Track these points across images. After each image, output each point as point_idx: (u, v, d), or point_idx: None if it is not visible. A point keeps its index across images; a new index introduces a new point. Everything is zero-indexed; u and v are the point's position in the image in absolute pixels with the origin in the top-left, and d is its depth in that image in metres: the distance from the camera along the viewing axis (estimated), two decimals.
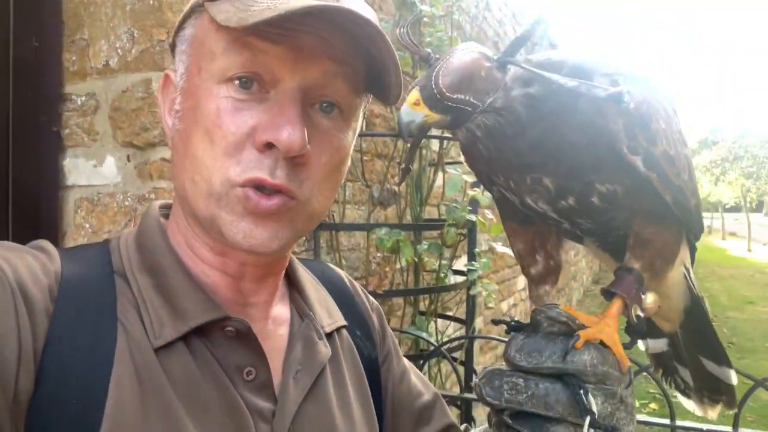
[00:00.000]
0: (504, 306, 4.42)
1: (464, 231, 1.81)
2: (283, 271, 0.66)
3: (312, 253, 1.70)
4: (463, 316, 2.03)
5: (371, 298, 0.80)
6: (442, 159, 1.98)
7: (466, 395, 1.51)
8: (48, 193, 1.46)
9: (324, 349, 0.64)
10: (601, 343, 0.53)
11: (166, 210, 0.65)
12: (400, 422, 0.73)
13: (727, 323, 8.21)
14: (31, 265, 0.51)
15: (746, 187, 19.04)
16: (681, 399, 0.70)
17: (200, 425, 0.51)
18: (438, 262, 1.92)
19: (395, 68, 0.55)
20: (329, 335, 0.66)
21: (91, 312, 0.51)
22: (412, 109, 0.51)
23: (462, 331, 2.38)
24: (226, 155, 0.52)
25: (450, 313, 2.63)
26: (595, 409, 0.49)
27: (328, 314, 0.69)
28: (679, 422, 1.31)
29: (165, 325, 0.53)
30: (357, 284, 0.80)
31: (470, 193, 1.70)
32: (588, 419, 0.48)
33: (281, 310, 0.66)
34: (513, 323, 0.57)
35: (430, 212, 2.23)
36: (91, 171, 1.41)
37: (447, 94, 0.50)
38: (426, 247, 1.78)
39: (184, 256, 0.59)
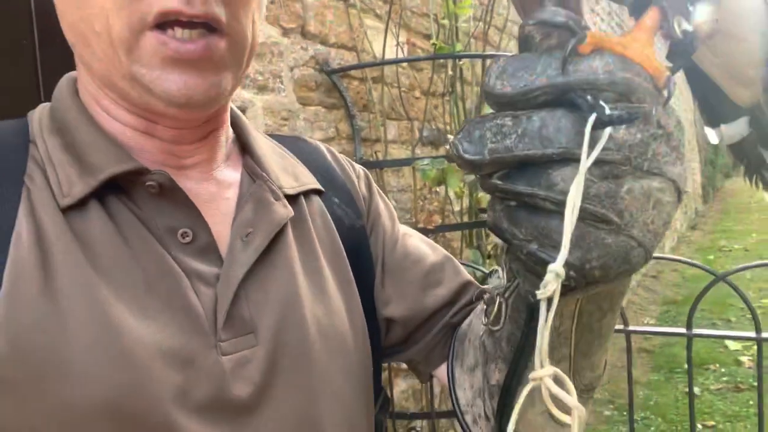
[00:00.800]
0: None
1: None
2: (226, 127, 0.59)
3: None
4: None
5: (357, 165, 0.71)
6: None
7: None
8: None
9: (282, 209, 0.56)
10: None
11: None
12: (403, 290, 0.64)
13: None
14: None
15: None
16: (764, 192, 0.53)
17: (118, 286, 0.46)
18: None
19: None
20: (294, 198, 0.59)
21: None
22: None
23: None
24: None
25: None
26: (606, 110, 0.31)
27: (294, 178, 0.61)
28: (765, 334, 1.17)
29: (74, 184, 0.47)
30: (338, 153, 0.71)
31: None
32: (593, 117, 0.31)
33: (229, 173, 0.58)
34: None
35: None
36: None
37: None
38: (474, 177, 1.69)
39: (98, 117, 0.52)
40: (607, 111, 0.31)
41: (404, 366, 1.45)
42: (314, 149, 0.70)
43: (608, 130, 0.31)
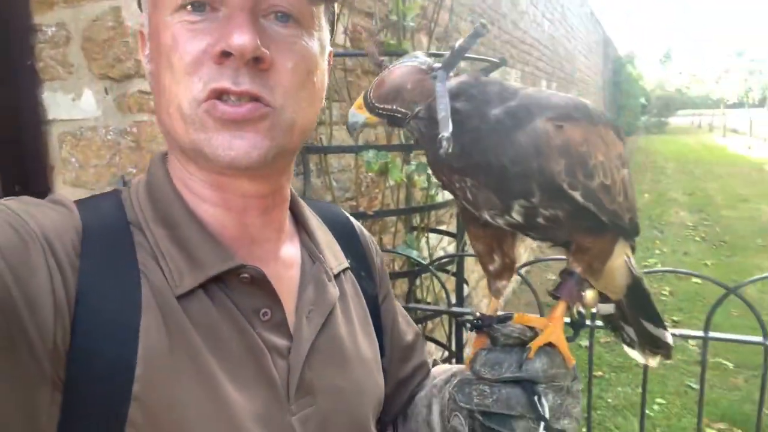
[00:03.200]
0: None
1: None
2: (286, 205, 0.69)
3: (302, 177, 1.72)
4: (456, 230, 2.08)
5: (367, 234, 0.84)
6: None
7: (455, 309, 1.59)
8: (30, 128, 1.45)
9: (333, 290, 0.68)
10: (550, 344, 0.61)
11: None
12: (392, 358, 0.79)
13: (720, 222, 8.36)
14: (55, 220, 0.53)
15: (749, 83, 18.60)
16: (627, 349, 0.82)
17: (223, 364, 0.55)
18: (428, 180, 1.94)
19: None
20: (336, 276, 0.70)
21: (113, 264, 0.54)
22: (356, 111, 0.59)
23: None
24: (187, 75, 0.54)
25: (443, 227, 2.69)
26: (546, 410, 0.59)
27: (334, 256, 0.72)
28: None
29: (184, 275, 0.56)
30: (359, 225, 0.83)
31: None
32: (542, 424, 0.59)
33: (291, 251, 0.68)
34: (475, 321, 0.65)
35: None
36: (71, 104, 1.39)
37: (376, 104, 0.58)
38: (414, 167, 1.79)
39: (189, 200, 0.61)
40: (544, 402, 0.59)
41: None
42: (345, 222, 0.81)
43: (546, 403, 0.59)
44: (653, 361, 0.80)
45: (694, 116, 44.10)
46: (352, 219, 0.83)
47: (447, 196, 2.10)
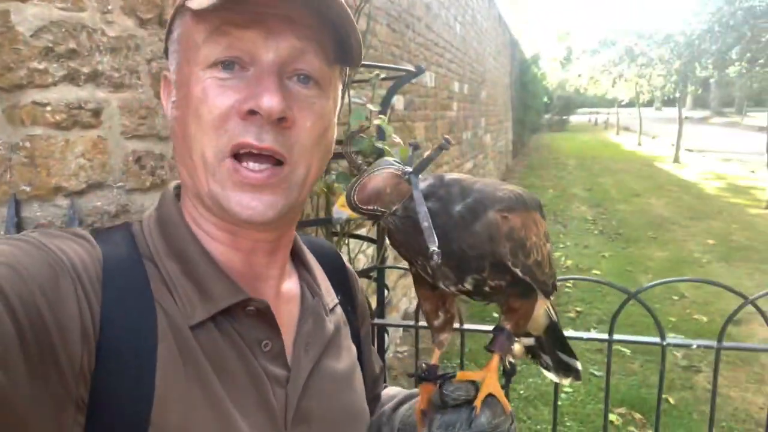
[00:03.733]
0: None
1: (371, 159, 1.81)
2: (290, 246, 0.74)
3: None
4: (376, 236, 2.09)
5: (355, 275, 0.91)
6: (348, 83, 1.92)
7: (377, 321, 1.59)
8: None
9: (329, 324, 0.74)
10: (490, 393, 0.71)
11: (179, 191, 0.70)
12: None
13: (616, 215, 9.03)
14: (80, 253, 0.57)
15: (640, 86, 20.12)
16: (543, 371, 0.96)
17: (229, 392, 0.59)
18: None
19: (354, 33, 0.62)
20: (331, 310, 0.76)
21: (131, 294, 0.58)
22: (340, 209, 0.67)
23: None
24: (213, 128, 0.59)
25: (363, 231, 2.70)
26: None
27: (327, 291, 0.78)
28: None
29: (196, 307, 0.60)
30: (346, 261, 0.89)
31: (375, 122, 1.68)
32: None
33: (290, 285, 0.74)
34: (422, 375, 0.75)
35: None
36: None
37: (359, 206, 0.66)
38: (334, 177, 1.77)
39: (200, 237, 0.65)
40: None
41: None
42: (336, 258, 0.87)
43: None
44: (566, 381, 0.94)
45: (591, 114, 47.36)
46: (340, 255, 0.88)
47: None
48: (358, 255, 2.66)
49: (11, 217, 1.15)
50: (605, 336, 1.43)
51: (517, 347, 0.77)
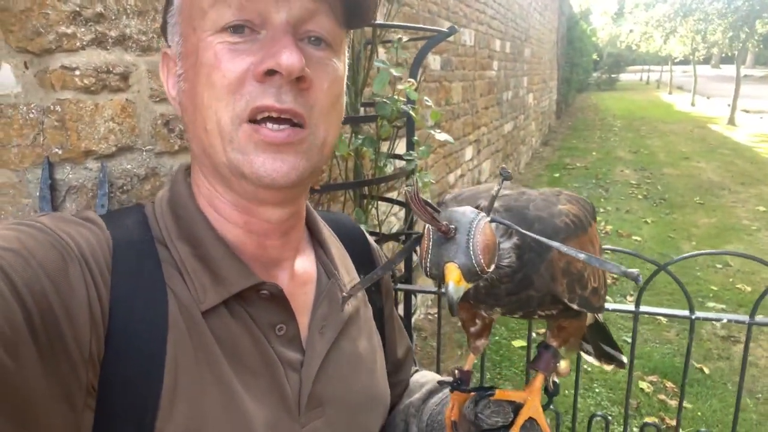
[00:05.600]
0: (451, 178, 4.53)
1: (399, 123, 1.78)
2: (303, 223, 0.71)
3: None
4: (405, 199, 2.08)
5: (381, 251, 0.87)
6: (377, 43, 1.88)
7: (401, 286, 1.61)
8: None
9: (347, 306, 0.71)
10: (530, 417, 0.67)
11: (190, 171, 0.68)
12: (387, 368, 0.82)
13: (662, 180, 8.70)
14: (89, 237, 0.56)
15: (696, 42, 19.02)
16: (584, 356, 0.93)
17: (240, 376, 0.59)
18: (375, 153, 1.92)
19: None
20: None
21: (141, 279, 0.57)
22: (457, 286, 0.56)
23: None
24: (229, 92, 0.56)
25: (393, 195, 2.69)
26: None
27: (347, 271, 0.75)
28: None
29: (208, 291, 0.59)
30: (371, 238, 0.86)
31: (400, 87, 1.64)
32: None
33: (306, 266, 0.72)
34: (455, 385, 0.71)
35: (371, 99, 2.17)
36: None
37: (487, 270, 0.55)
38: (360, 141, 1.76)
39: (212, 218, 0.63)
40: None
41: None
42: (358, 234, 0.84)
43: None
44: (608, 367, 0.92)
45: (642, 72, 45.13)
46: (363, 231, 0.85)
47: (397, 166, 2.09)
48: (390, 217, 2.67)
49: (45, 179, 1.20)
50: (631, 307, 1.41)
51: (563, 365, 0.71)
